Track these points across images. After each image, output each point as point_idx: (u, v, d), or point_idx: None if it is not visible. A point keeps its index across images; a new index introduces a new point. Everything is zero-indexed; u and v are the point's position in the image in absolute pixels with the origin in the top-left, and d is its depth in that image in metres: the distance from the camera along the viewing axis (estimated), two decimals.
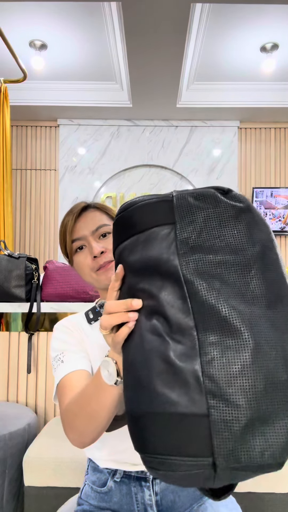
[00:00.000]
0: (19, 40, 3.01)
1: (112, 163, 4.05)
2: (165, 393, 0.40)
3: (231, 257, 0.44)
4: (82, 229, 0.81)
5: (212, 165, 4.07)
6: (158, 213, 0.47)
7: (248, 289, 0.43)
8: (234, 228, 0.45)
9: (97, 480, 0.84)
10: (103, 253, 0.79)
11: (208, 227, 0.45)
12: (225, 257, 0.44)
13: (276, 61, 3.21)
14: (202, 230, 0.45)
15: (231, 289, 0.42)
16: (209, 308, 0.41)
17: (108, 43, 3.06)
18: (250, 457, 0.37)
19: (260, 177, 4.10)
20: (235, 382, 0.38)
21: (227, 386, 0.38)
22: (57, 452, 1.30)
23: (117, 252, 0.52)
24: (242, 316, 0.40)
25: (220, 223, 0.45)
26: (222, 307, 0.41)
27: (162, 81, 3.24)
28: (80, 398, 0.65)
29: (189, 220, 0.46)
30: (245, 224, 0.46)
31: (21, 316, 1.79)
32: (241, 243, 0.45)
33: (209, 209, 0.46)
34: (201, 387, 0.38)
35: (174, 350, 0.41)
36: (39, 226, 4.07)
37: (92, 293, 1.71)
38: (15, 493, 1.39)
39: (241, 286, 0.43)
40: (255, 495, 1.24)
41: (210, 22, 2.82)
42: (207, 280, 0.42)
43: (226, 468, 0.37)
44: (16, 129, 4.07)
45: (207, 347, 0.40)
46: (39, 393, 1.74)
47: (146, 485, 0.79)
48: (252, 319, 0.40)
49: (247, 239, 0.45)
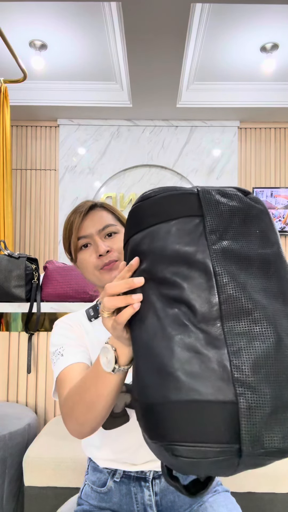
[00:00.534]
0: (19, 40, 3.01)
1: (112, 163, 4.05)
2: (192, 381, 0.40)
3: (255, 253, 0.46)
4: (89, 227, 0.82)
5: (212, 165, 4.07)
6: (185, 204, 0.48)
7: (269, 285, 0.45)
8: (257, 226, 0.48)
9: (97, 480, 0.84)
10: (108, 252, 0.80)
11: (234, 222, 0.47)
12: (250, 253, 0.46)
13: (276, 61, 3.21)
14: (229, 224, 0.47)
15: (255, 283, 0.44)
16: (235, 300, 0.42)
17: (108, 43, 3.06)
18: (273, 442, 0.39)
19: (260, 177, 4.10)
20: (260, 371, 0.40)
21: (253, 374, 0.40)
22: (57, 452, 1.30)
23: (134, 240, 0.51)
24: (265, 310, 0.42)
25: (244, 220, 0.47)
26: (248, 300, 0.42)
27: (162, 81, 3.24)
28: (79, 387, 0.65)
29: (216, 213, 0.47)
30: (265, 225, 0.48)
31: (21, 316, 1.79)
32: (263, 242, 0.47)
33: (235, 205, 0.48)
34: (229, 376, 0.40)
35: (200, 339, 0.42)
36: (39, 226, 4.07)
37: (92, 293, 1.71)
38: (15, 493, 1.39)
39: (263, 282, 0.45)
40: (255, 495, 1.24)
41: (210, 22, 2.82)
42: (234, 273, 0.44)
43: (250, 453, 0.39)
44: (16, 129, 4.07)
45: (233, 337, 0.41)
46: (39, 393, 1.74)
47: (146, 485, 0.79)
48: (274, 313, 0.43)
49: (267, 239, 0.47)
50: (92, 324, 0.85)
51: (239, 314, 0.42)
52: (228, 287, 0.43)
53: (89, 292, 1.71)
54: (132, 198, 4.04)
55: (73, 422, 0.66)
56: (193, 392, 0.40)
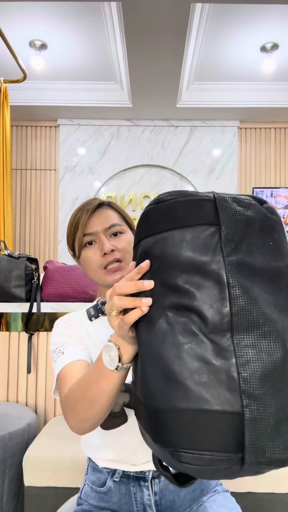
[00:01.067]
0: (19, 40, 3.01)
1: (112, 163, 4.05)
2: (201, 390, 0.41)
3: (268, 266, 0.46)
4: (95, 225, 0.83)
5: (212, 165, 4.07)
6: (201, 211, 0.47)
7: (279, 299, 0.45)
8: (271, 238, 0.47)
9: (96, 480, 0.84)
10: (113, 251, 0.81)
11: (249, 233, 0.46)
12: (263, 265, 0.45)
13: (276, 61, 3.21)
14: (244, 235, 0.46)
15: (267, 296, 0.44)
16: (247, 313, 0.43)
17: (108, 43, 3.06)
18: (275, 453, 0.41)
19: (260, 177, 4.10)
20: (266, 384, 0.41)
21: (260, 387, 0.41)
22: (57, 452, 1.30)
23: (145, 243, 0.50)
24: (275, 324, 0.43)
25: (259, 231, 0.47)
26: (259, 314, 0.43)
27: (162, 81, 3.24)
28: (81, 383, 0.65)
29: (232, 222, 0.46)
30: (279, 236, 0.48)
31: (21, 316, 1.79)
32: (275, 254, 0.47)
33: (251, 215, 0.47)
34: (236, 387, 0.41)
35: (210, 350, 0.42)
36: (39, 226, 4.07)
37: (92, 293, 1.71)
38: (15, 493, 1.39)
39: (274, 295, 0.45)
40: (255, 495, 1.24)
41: (210, 22, 2.82)
42: (247, 285, 0.44)
43: (252, 462, 0.40)
44: (16, 129, 4.07)
45: (242, 349, 0.42)
46: (39, 393, 1.74)
47: (145, 485, 0.80)
48: (283, 328, 0.43)
49: (280, 251, 0.47)
50: (92, 323, 0.86)
51: (249, 327, 0.42)
52: (240, 299, 0.43)
53: (89, 292, 1.71)
54: (132, 198, 4.04)
55: (74, 418, 0.66)
56: (202, 401, 0.41)
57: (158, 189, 4.07)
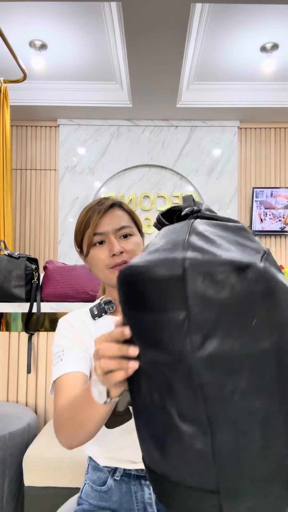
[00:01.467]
0: (19, 40, 3.01)
1: (112, 163, 4.05)
2: (179, 465, 0.45)
3: (247, 350, 0.41)
4: (106, 225, 0.83)
5: (212, 165, 4.07)
6: (168, 295, 0.42)
7: (262, 384, 0.41)
8: (253, 317, 0.41)
9: (97, 479, 0.84)
10: (122, 253, 0.81)
11: (224, 316, 0.40)
12: (242, 351, 0.40)
13: (276, 61, 3.21)
14: (219, 320, 0.40)
15: (245, 385, 0.41)
16: (221, 410, 0.41)
17: (108, 43, 3.06)
18: None
19: (260, 177, 4.10)
20: (243, 468, 0.42)
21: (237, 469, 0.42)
22: (57, 452, 1.30)
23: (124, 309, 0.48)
24: (253, 415, 0.41)
25: (237, 314, 0.40)
26: (235, 408, 0.41)
27: (162, 81, 3.24)
28: (71, 407, 0.66)
29: (203, 307, 0.40)
30: (265, 311, 0.41)
31: (21, 316, 1.79)
32: (258, 334, 0.41)
33: (225, 296, 0.40)
34: (213, 467, 0.42)
35: (185, 431, 0.43)
36: (39, 226, 4.07)
37: (92, 293, 1.71)
38: (15, 493, 1.39)
39: (255, 381, 0.41)
40: None
41: (210, 22, 2.82)
42: (221, 381, 0.41)
43: None
44: (16, 129, 4.07)
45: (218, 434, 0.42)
46: (39, 393, 1.74)
47: (146, 484, 0.80)
48: (265, 416, 0.42)
49: (265, 328, 0.41)
50: (95, 322, 0.86)
51: (225, 422, 0.41)
52: (212, 399, 0.41)
53: (89, 292, 1.71)
54: (132, 198, 4.04)
55: (62, 435, 0.69)
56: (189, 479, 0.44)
57: (158, 189, 4.07)
